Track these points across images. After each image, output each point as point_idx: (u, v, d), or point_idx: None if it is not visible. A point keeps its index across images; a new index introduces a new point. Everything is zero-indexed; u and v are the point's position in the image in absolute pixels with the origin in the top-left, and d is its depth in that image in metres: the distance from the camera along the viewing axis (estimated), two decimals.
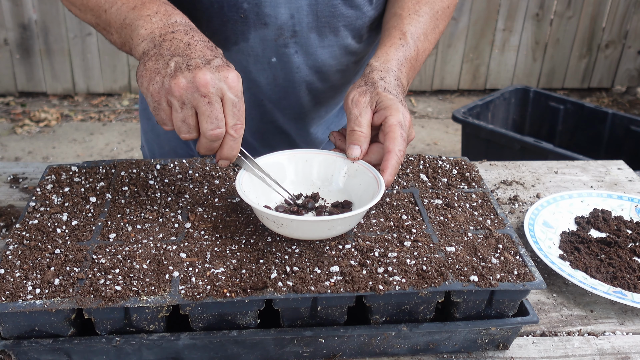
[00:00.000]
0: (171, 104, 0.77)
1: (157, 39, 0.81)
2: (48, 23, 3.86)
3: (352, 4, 1.05)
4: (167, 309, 0.72)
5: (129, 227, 0.83)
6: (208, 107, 0.76)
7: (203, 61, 0.77)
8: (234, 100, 0.77)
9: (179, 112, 0.77)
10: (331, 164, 0.91)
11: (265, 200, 0.87)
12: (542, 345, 0.83)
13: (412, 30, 1.02)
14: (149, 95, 0.78)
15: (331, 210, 0.86)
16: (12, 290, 0.71)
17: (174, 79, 0.75)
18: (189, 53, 0.79)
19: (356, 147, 0.87)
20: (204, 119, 0.76)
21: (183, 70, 0.76)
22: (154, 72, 0.77)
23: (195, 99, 0.75)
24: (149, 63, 0.78)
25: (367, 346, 0.78)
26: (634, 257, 0.98)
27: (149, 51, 0.80)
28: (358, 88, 0.91)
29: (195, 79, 0.75)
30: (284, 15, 1.01)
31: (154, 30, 0.82)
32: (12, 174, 1.17)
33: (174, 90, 0.75)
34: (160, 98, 0.77)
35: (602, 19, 4.28)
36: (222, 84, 0.76)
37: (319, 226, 0.77)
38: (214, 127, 0.77)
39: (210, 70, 0.76)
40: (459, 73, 4.37)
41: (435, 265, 0.77)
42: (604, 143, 3.00)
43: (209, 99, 0.75)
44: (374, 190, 0.83)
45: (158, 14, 0.84)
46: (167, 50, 0.79)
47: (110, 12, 0.87)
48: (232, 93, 0.77)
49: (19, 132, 3.71)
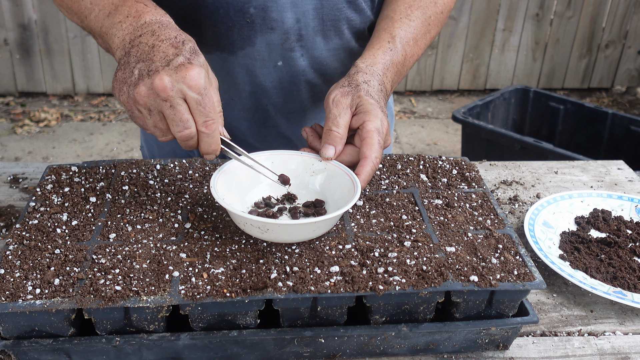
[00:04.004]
0: (139, 111, 0.79)
1: (127, 45, 0.81)
2: (48, 23, 3.86)
3: (355, 7, 1.06)
4: (167, 309, 0.72)
5: (129, 227, 0.83)
6: (171, 111, 0.77)
7: (163, 63, 0.77)
8: (197, 98, 0.77)
9: (148, 118, 0.78)
10: (308, 166, 0.91)
11: (241, 203, 0.87)
12: (542, 345, 0.83)
13: (402, 35, 1.01)
14: (123, 105, 0.80)
15: (305, 210, 0.87)
16: (12, 290, 0.71)
17: (136, 88, 0.76)
18: (151, 57, 0.78)
19: (331, 148, 0.88)
20: (170, 122, 0.78)
21: (144, 77, 0.76)
22: (121, 83, 0.79)
23: (158, 104, 0.76)
24: (119, 73, 0.80)
25: (367, 346, 0.78)
26: (634, 257, 0.98)
27: (120, 59, 0.81)
28: (341, 88, 0.91)
29: (153, 85, 0.75)
30: (290, 19, 1.02)
31: (124, 37, 0.82)
32: (12, 174, 1.17)
33: (137, 100, 0.77)
34: (130, 107, 0.79)
35: (602, 19, 4.28)
36: (181, 85, 0.76)
37: (306, 228, 0.77)
38: (181, 129, 0.78)
39: (168, 73, 0.76)
40: (459, 73, 4.36)
41: (435, 265, 0.77)
42: (604, 143, 3.00)
43: (170, 102, 0.76)
44: (349, 192, 0.84)
45: (129, 18, 0.83)
46: (134, 56, 0.79)
47: (90, 19, 0.88)
48: (193, 92, 0.76)
49: (19, 132, 3.71)
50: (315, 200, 0.89)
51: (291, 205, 0.89)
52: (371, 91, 0.92)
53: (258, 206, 0.88)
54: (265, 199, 0.89)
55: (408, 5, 1.05)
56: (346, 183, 0.86)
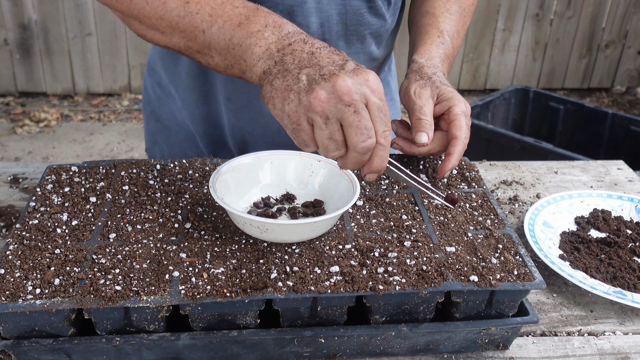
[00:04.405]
0: (313, 121, 0.70)
1: (276, 55, 0.73)
2: (48, 23, 3.86)
3: (377, 12, 1.07)
4: (167, 309, 0.72)
5: (129, 227, 0.83)
6: (356, 117, 0.68)
7: (336, 67, 0.70)
8: (379, 104, 0.70)
9: (323, 129, 0.69)
10: (307, 166, 0.91)
11: (240, 203, 0.87)
12: (542, 345, 0.83)
13: (447, 28, 1.06)
14: (285, 117, 0.71)
15: (304, 210, 0.87)
16: (12, 290, 0.71)
17: (312, 93, 0.68)
18: (317, 62, 0.71)
19: (424, 134, 0.90)
20: (352, 130, 0.69)
21: (318, 81, 0.69)
22: (286, 90, 0.70)
23: (339, 110, 0.68)
24: (276, 81, 0.71)
25: (367, 346, 0.78)
26: (634, 257, 0.98)
27: (271, 69, 0.73)
28: (416, 82, 0.95)
29: (335, 88, 0.68)
30: (315, 24, 1.02)
31: (269, 47, 0.74)
32: (12, 174, 1.17)
33: (314, 106, 0.68)
34: (299, 117, 0.70)
35: (602, 19, 4.28)
36: (364, 87, 0.69)
37: (305, 228, 0.77)
38: (365, 139, 0.70)
39: (349, 75, 0.69)
40: (459, 73, 4.36)
41: (435, 265, 0.77)
42: (604, 143, 2.99)
43: (355, 107, 0.68)
44: (349, 192, 0.84)
45: (268, 27, 0.76)
46: (292, 64, 0.72)
47: (210, 33, 0.78)
48: (376, 96, 0.70)
49: (19, 132, 3.71)
50: (315, 200, 0.89)
51: (290, 205, 0.89)
52: (443, 81, 0.96)
53: (257, 206, 0.88)
54: (265, 199, 0.89)
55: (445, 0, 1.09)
56: (345, 183, 0.86)
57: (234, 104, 1.13)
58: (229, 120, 1.15)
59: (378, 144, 0.72)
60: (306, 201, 0.89)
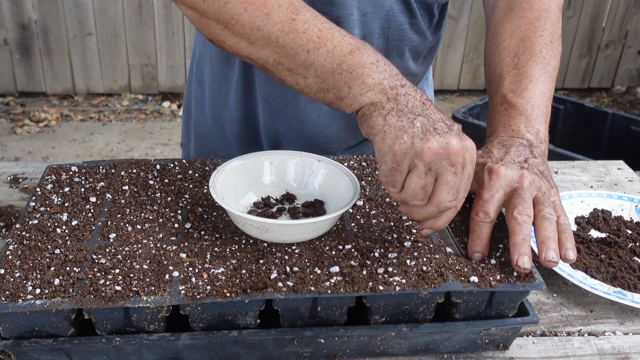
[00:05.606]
0: (415, 167, 0.70)
1: (389, 91, 0.74)
2: (48, 23, 3.86)
3: (417, 29, 1.07)
4: (167, 309, 0.72)
5: (129, 227, 0.83)
6: (453, 178, 0.71)
7: (445, 127, 0.72)
8: (471, 173, 0.72)
9: (422, 178, 0.71)
10: (307, 167, 0.91)
11: (240, 203, 0.87)
12: (542, 346, 0.83)
13: None
14: (389, 154, 0.71)
15: (304, 210, 0.87)
16: (12, 290, 0.71)
17: (426, 143, 0.69)
18: (428, 114, 0.73)
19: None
20: (445, 189, 0.71)
21: (433, 133, 0.70)
22: (400, 130, 0.71)
23: (442, 166, 0.70)
24: (391, 118, 0.72)
25: (367, 346, 0.78)
26: (634, 257, 0.98)
27: (383, 103, 0.73)
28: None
29: (448, 146, 0.69)
30: (357, 36, 1.01)
31: (382, 81, 0.75)
32: (12, 174, 1.17)
33: (425, 154, 0.69)
34: (403, 159, 0.70)
35: (602, 19, 4.28)
36: (468, 155, 0.71)
37: (305, 228, 0.77)
38: (452, 199, 0.72)
39: (459, 139, 0.71)
40: (459, 73, 4.36)
41: (435, 266, 0.77)
42: (604, 143, 2.99)
43: (456, 169, 0.70)
44: (349, 192, 0.84)
45: (380, 63, 0.76)
46: (406, 107, 0.73)
47: (316, 54, 0.77)
48: (471, 166, 0.72)
49: (18, 132, 3.71)
50: (315, 200, 0.89)
51: (290, 205, 0.89)
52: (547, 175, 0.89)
53: (257, 206, 0.88)
54: (265, 199, 0.89)
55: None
56: (345, 183, 0.86)
57: (270, 105, 1.13)
58: (264, 120, 1.16)
59: (454, 207, 0.74)
60: (306, 201, 0.89)
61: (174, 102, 4.18)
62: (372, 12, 1.02)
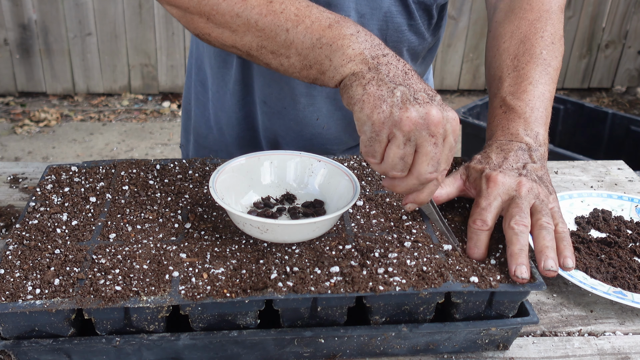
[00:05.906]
0: (393, 137, 0.70)
1: (370, 61, 0.73)
2: (48, 23, 3.86)
3: (416, 30, 1.06)
4: (167, 309, 0.72)
5: (129, 227, 0.83)
6: (433, 149, 0.70)
7: (428, 96, 0.71)
8: (452, 145, 0.72)
9: (401, 148, 0.70)
10: (307, 167, 0.91)
11: (240, 203, 0.87)
12: (542, 346, 0.83)
13: None
14: (367, 123, 0.71)
15: (304, 211, 0.87)
16: (12, 291, 0.71)
17: (405, 112, 0.68)
18: (410, 84, 0.72)
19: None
20: (425, 160, 0.70)
21: (412, 102, 0.69)
22: (378, 99, 0.70)
23: (422, 137, 0.69)
24: (370, 87, 0.71)
25: (367, 346, 0.78)
26: (634, 257, 0.98)
27: (363, 74, 0.72)
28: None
29: (427, 116, 0.69)
30: None
31: (363, 51, 0.74)
32: (12, 174, 1.17)
33: (403, 124, 0.68)
34: (382, 129, 0.70)
35: (602, 19, 4.28)
36: (449, 125, 0.70)
37: (305, 228, 0.77)
38: (432, 170, 0.71)
39: (440, 109, 0.70)
40: (459, 73, 4.36)
41: (436, 266, 0.77)
42: (604, 143, 3.00)
43: (436, 139, 0.69)
44: (349, 192, 0.84)
45: (361, 33, 0.76)
46: (387, 76, 0.72)
47: (295, 32, 0.77)
48: (453, 137, 0.71)
49: (18, 132, 3.71)
50: (315, 200, 0.89)
51: (290, 205, 0.89)
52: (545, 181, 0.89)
53: (257, 206, 0.88)
54: (265, 199, 0.89)
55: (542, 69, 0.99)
56: (345, 183, 0.86)
57: (269, 107, 1.13)
58: (263, 122, 1.16)
59: (435, 179, 0.73)
60: (306, 201, 0.89)
61: (174, 102, 4.18)
62: (370, 13, 1.01)
